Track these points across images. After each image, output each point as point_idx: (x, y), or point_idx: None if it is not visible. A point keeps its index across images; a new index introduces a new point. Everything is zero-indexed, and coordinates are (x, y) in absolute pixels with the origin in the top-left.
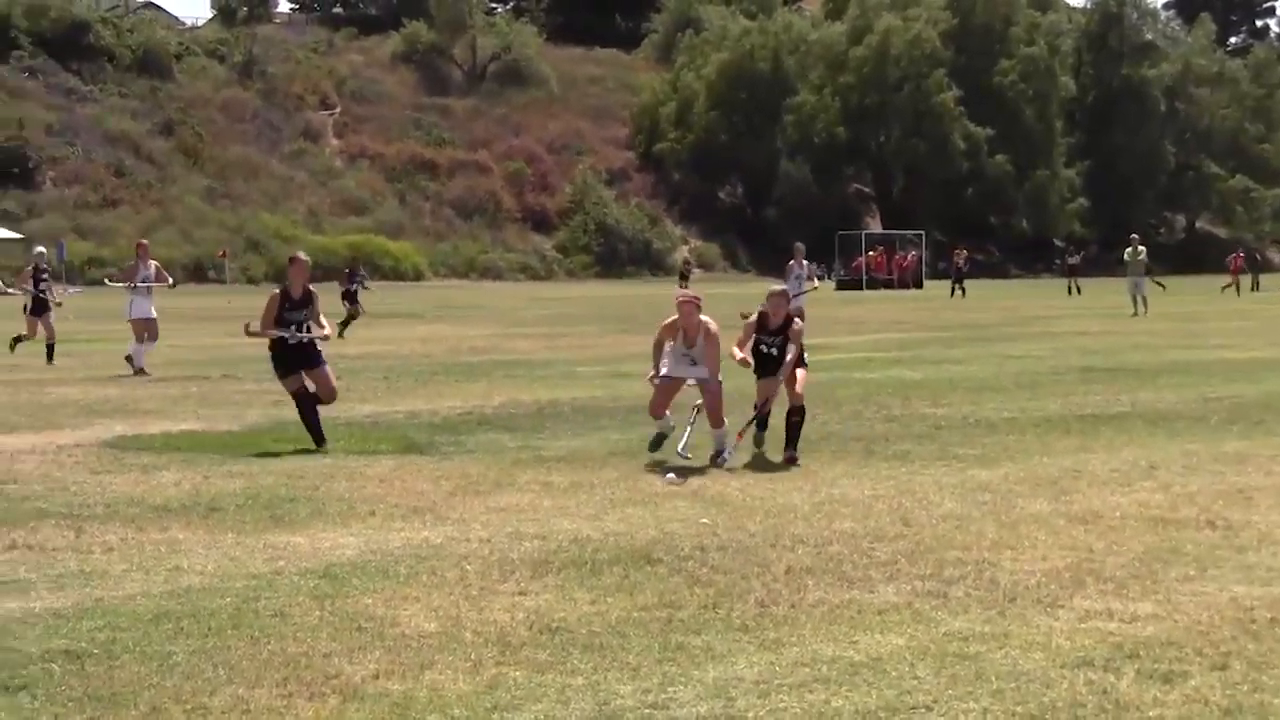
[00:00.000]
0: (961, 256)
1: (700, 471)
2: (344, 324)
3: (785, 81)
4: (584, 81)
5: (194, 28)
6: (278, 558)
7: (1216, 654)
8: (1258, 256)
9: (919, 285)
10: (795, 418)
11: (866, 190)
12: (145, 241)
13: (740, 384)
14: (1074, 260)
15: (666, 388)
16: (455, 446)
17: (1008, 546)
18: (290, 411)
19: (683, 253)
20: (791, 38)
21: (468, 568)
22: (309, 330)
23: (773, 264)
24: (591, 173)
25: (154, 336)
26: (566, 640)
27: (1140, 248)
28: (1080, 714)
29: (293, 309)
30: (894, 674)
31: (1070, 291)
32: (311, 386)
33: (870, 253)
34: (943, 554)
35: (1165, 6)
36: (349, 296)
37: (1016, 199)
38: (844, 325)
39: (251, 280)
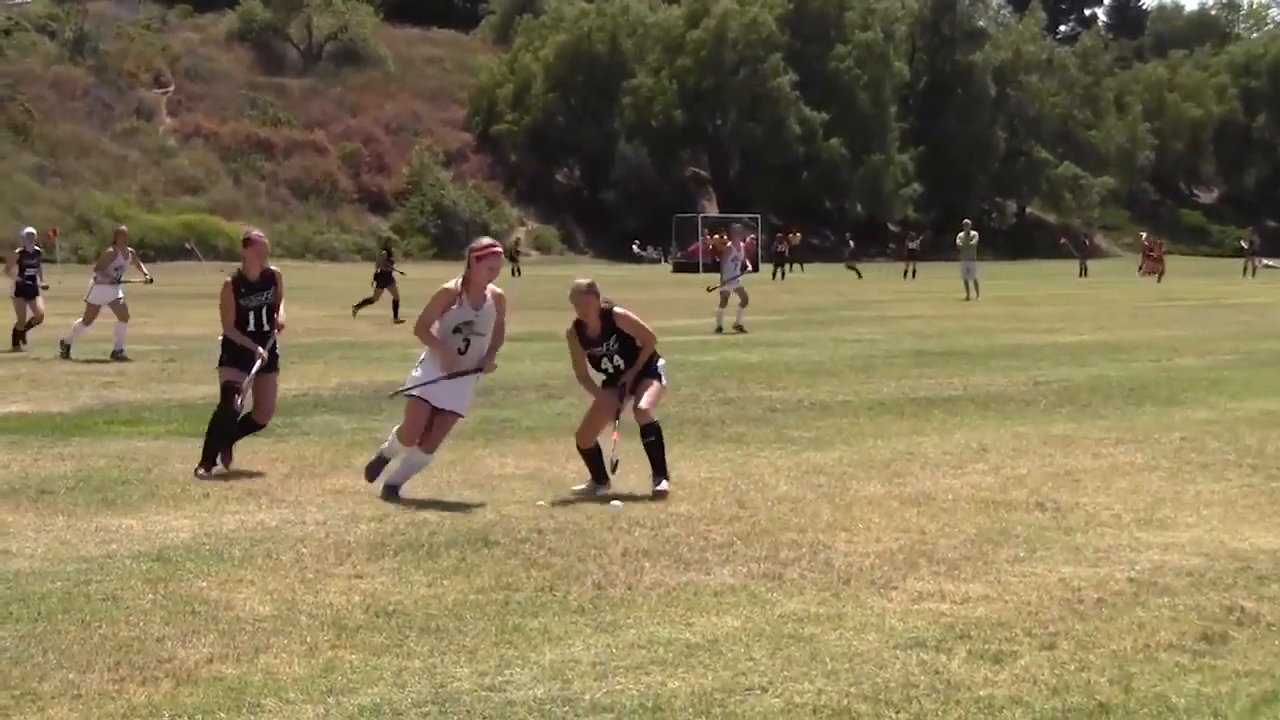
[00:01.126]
0: (795, 238)
1: (538, 455)
2: (361, 304)
3: (623, 64)
4: (421, 62)
5: (23, 3)
6: (110, 541)
7: (1045, 634)
8: (1086, 242)
9: (755, 268)
10: (650, 438)
11: (703, 173)
12: (124, 228)
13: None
14: (914, 245)
15: (419, 410)
16: (290, 429)
17: (842, 529)
18: (122, 393)
19: (515, 235)
20: (629, 20)
21: (303, 550)
22: (271, 322)
23: (610, 247)
24: (428, 154)
25: (124, 318)
26: (403, 623)
27: (973, 233)
28: (913, 694)
29: (250, 293)
30: (729, 655)
31: (906, 275)
32: (247, 399)
33: (708, 235)
34: (778, 536)
35: None
36: (382, 279)
37: (851, 183)
38: (681, 307)
39: (83, 260)
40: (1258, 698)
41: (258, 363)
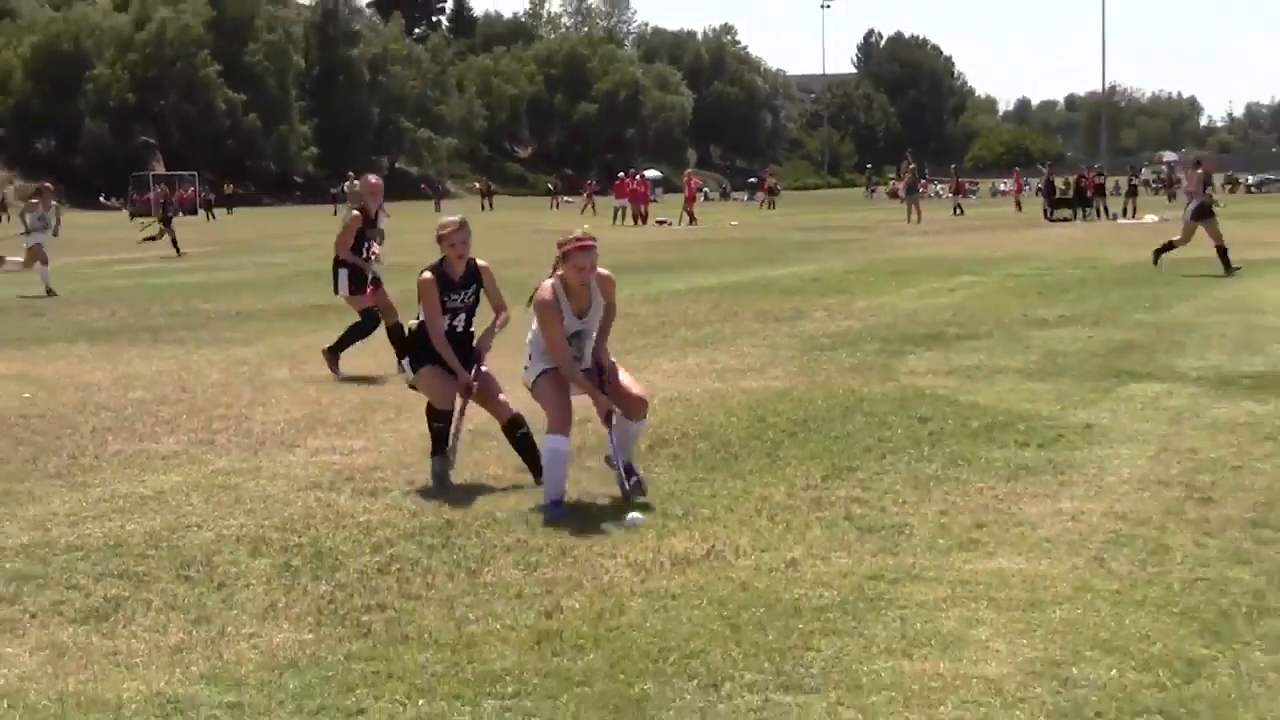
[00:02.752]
0: (230, 189)
1: (24, 360)
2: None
3: (86, 58)
4: None
5: None
6: None
7: (409, 473)
8: (440, 186)
9: (194, 213)
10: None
11: (153, 142)
12: (50, 185)
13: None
14: (336, 190)
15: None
16: None
17: (260, 404)
18: None
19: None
20: (89, 24)
21: None
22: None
23: (83, 199)
24: None
25: (45, 261)
26: None
27: (355, 182)
28: (311, 522)
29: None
30: (174, 503)
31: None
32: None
33: (158, 189)
34: (211, 412)
35: (368, 5)
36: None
37: (266, 147)
38: (135, 245)
39: None
40: (551, 510)
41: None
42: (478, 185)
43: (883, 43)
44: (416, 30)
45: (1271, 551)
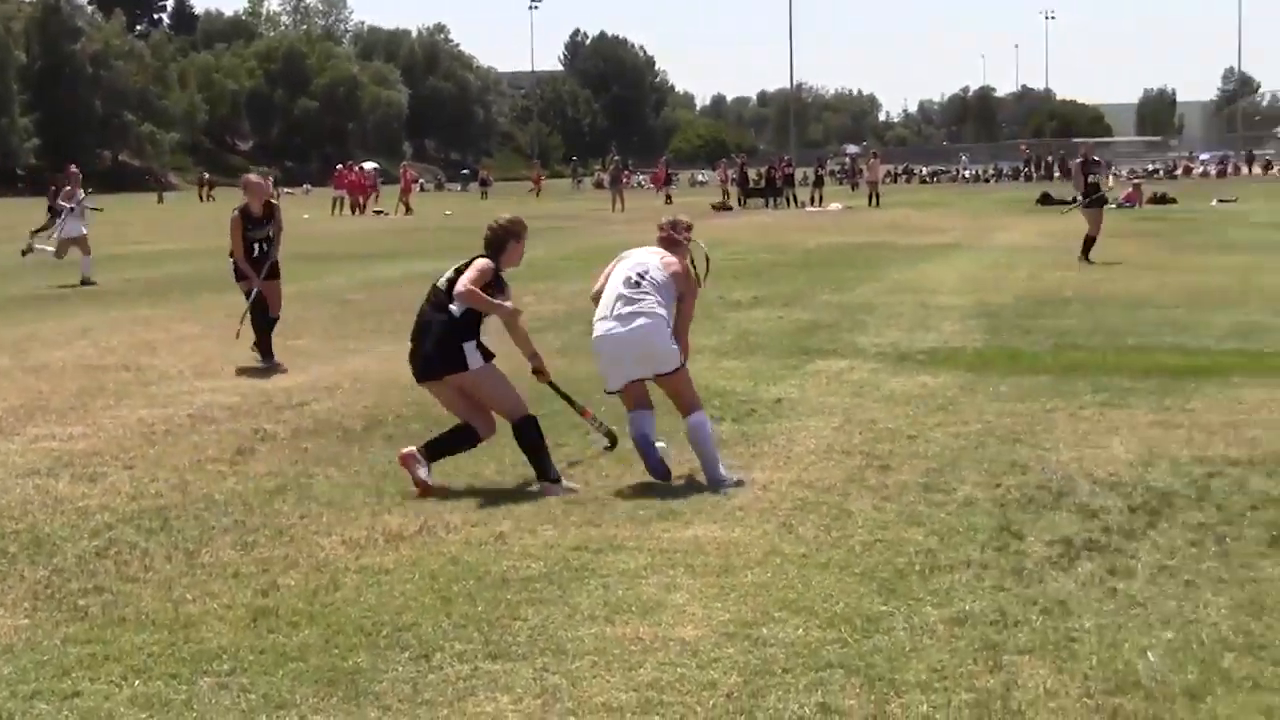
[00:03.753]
0: None
1: None
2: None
3: None
4: None
5: None
6: None
7: (127, 458)
8: (163, 179)
9: None
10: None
11: None
12: (75, 168)
13: None
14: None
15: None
16: None
17: None
18: None
19: None
20: None
21: None
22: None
23: None
24: None
25: (87, 251)
26: None
27: (78, 172)
28: (29, 509)
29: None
30: None
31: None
32: None
33: None
34: None
35: (89, 2)
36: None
37: None
38: None
39: None
40: (272, 489)
41: None
42: (203, 174)
43: (588, 41)
44: (139, 27)
45: (942, 513)
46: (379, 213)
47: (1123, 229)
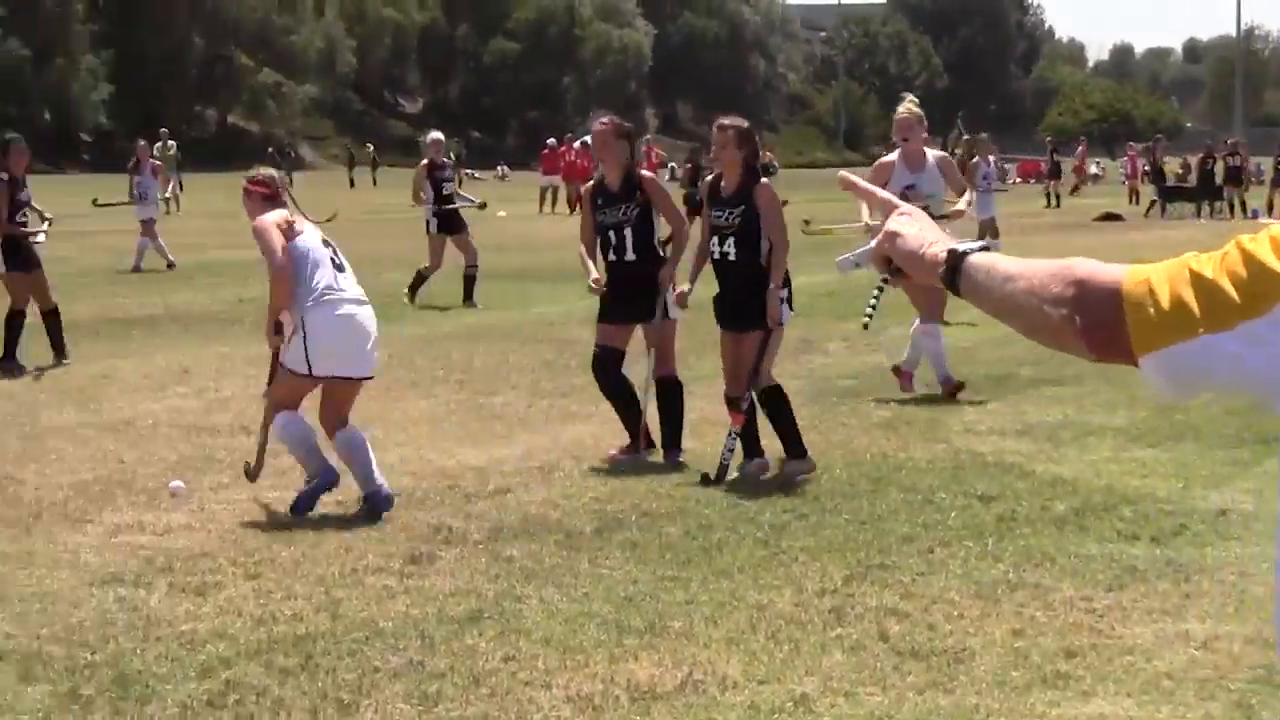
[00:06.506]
0: None
1: None
2: None
3: None
4: None
5: None
6: None
7: (249, 562)
8: (291, 153)
9: None
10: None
11: None
12: (144, 143)
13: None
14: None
15: None
16: None
17: (32, 460)
18: None
19: None
20: None
21: None
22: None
23: None
24: None
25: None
26: None
27: (170, 142)
28: (109, 632)
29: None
30: None
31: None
32: None
33: None
34: None
35: None
36: None
37: (35, 88)
38: None
39: None
40: (463, 617)
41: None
42: (360, 150)
43: None
44: None
45: None
46: None
47: None
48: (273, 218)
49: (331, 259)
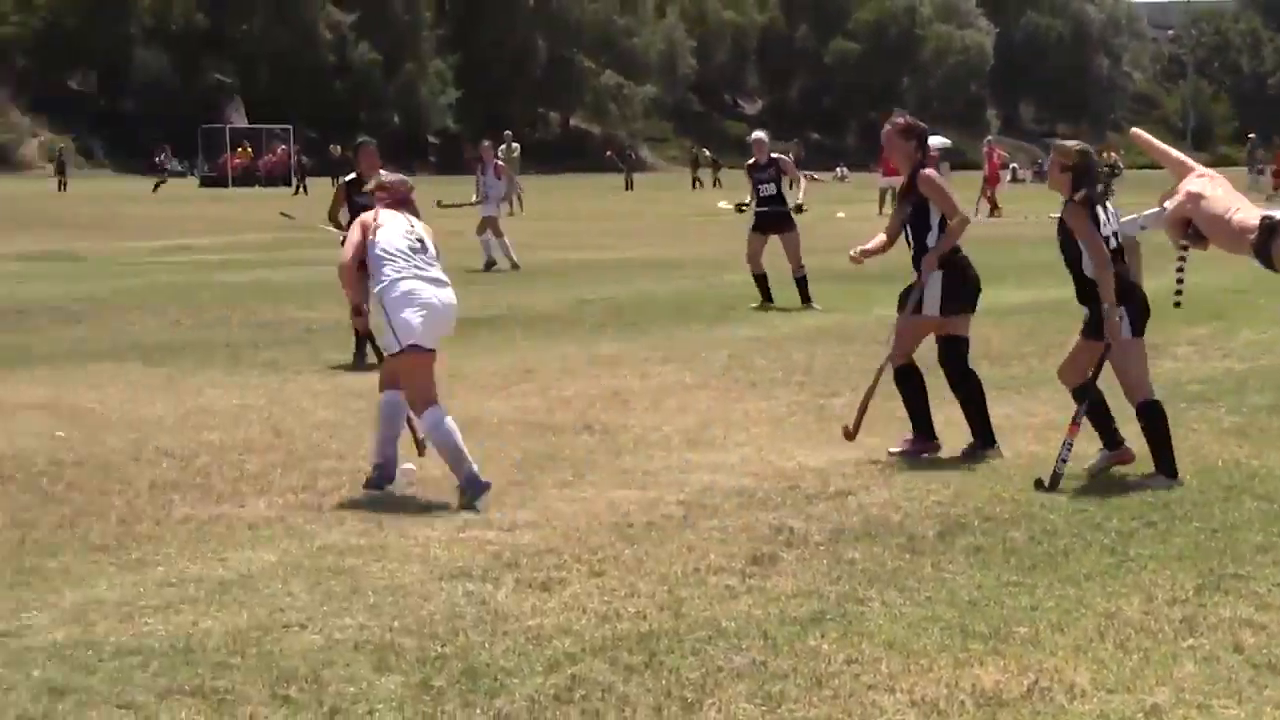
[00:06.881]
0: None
1: (52, 383)
2: None
3: None
4: None
5: None
6: None
7: (594, 560)
8: (631, 155)
9: (288, 182)
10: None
11: (229, 81)
12: (488, 143)
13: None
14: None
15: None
16: None
17: None
18: None
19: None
20: None
21: None
22: None
23: (130, 159)
24: None
25: (498, 233)
26: None
27: (514, 145)
28: (459, 625)
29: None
30: (266, 591)
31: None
32: None
33: (239, 149)
34: (316, 464)
35: None
36: None
37: (388, 92)
38: (207, 224)
39: None
40: (805, 618)
41: None
42: (699, 152)
43: None
44: None
45: None
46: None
47: None
48: (364, 219)
49: (411, 246)
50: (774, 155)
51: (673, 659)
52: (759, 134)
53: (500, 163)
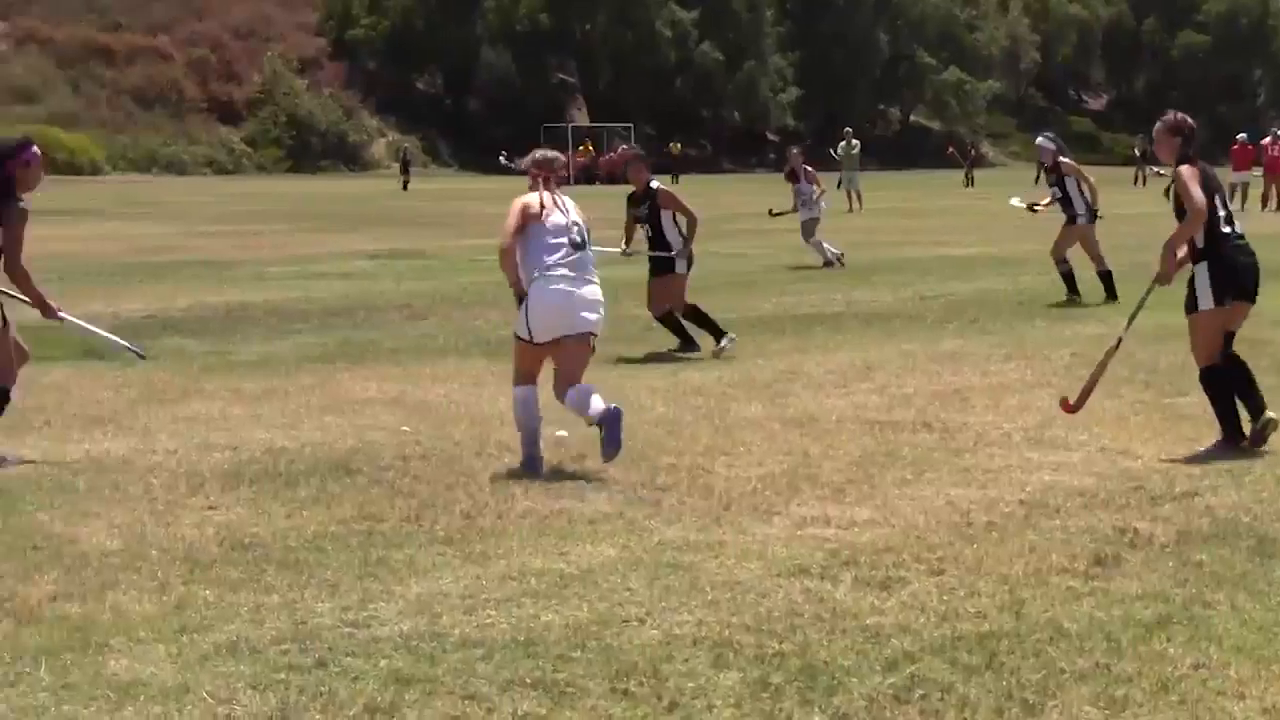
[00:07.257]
0: (676, 149)
1: (401, 379)
2: None
3: None
4: None
5: None
6: None
7: (933, 559)
8: (972, 151)
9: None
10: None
11: (571, 81)
12: (796, 150)
13: None
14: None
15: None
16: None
17: (722, 452)
18: None
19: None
20: None
21: (153, 481)
22: None
23: (476, 158)
24: (281, 61)
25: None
26: (260, 556)
27: (854, 141)
28: (797, 623)
29: None
30: (605, 586)
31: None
32: None
33: (580, 147)
34: (655, 460)
35: None
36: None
37: (729, 91)
38: None
39: None
40: (1150, 621)
41: None
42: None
43: None
44: None
45: None
46: None
47: None
48: (524, 200)
49: (572, 240)
50: (1060, 160)
51: (1013, 660)
52: (1040, 139)
53: (808, 168)
